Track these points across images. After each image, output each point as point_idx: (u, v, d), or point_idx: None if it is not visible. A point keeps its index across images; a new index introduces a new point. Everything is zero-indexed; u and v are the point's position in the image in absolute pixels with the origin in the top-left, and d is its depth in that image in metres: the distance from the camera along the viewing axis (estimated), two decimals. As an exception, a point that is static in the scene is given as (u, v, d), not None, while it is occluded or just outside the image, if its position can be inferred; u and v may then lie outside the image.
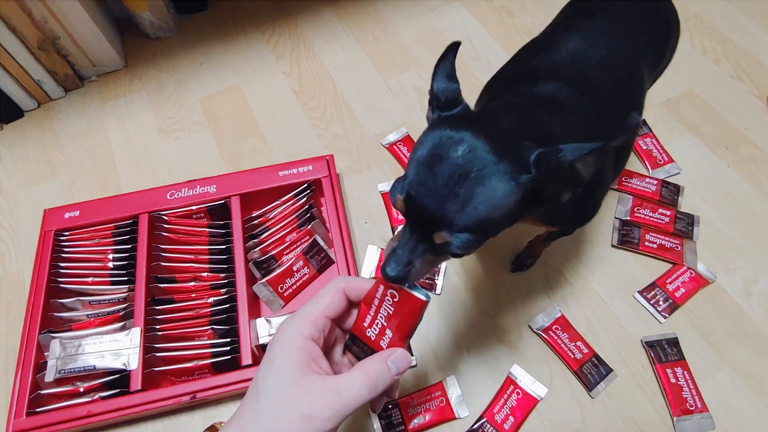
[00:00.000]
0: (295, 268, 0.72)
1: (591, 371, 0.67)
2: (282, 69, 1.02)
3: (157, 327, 0.67)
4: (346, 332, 0.45)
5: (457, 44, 0.40)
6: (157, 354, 0.65)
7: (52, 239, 0.73)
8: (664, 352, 0.67)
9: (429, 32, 1.06)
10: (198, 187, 0.77)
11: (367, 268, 0.75)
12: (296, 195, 0.78)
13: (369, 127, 0.92)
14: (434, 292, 0.74)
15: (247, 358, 0.64)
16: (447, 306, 0.73)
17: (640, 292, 0.73)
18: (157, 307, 0.69)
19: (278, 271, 0.71)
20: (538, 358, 0.69)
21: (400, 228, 0.40)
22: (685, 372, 0.66)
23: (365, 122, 0.93)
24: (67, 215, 0.75)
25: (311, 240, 0.73)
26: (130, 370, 0.63)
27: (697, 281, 0.73)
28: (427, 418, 0.64)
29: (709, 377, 0.67)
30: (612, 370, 0.67)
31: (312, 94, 0.98)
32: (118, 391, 0.63)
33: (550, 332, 0.70)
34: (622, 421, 0.64)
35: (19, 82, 0.92)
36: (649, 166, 0.84)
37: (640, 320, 0.71)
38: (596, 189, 0.53)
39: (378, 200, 0.83)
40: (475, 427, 0.64)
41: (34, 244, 0.74)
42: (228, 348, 0.65)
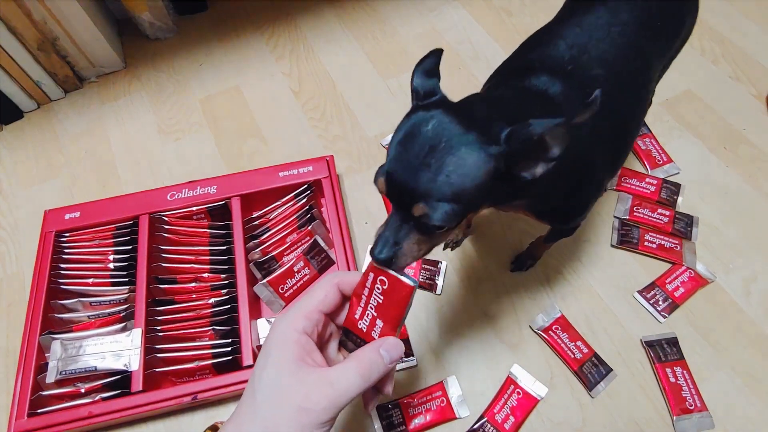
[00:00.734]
0: (295, 269, 0.72)
1: (591, 371, 0.67)
2: (282, 69, 1.02)
3: (158, 328, 0.67)
4: (340, 328, 0.45)
5: (440, 50, 0.42)
6: (158, 355, 0.65)
7: (52, 240, 0.73)
8: (664, 352, 0.68)
9: (428, 32, 1.06)
10: (198, 187, 0.77)
11: (368, 269, 0.75)
12: (297, 196, 0.78)
13: (369, 127, 0.93)
14: (435, 292, 0.74)
15: (248, 359, 0.64)
16: (447, 306, 0.74)
17: (640, 292, 0.73)
18: (157, 308, 0.69)
19: (279, 271, 0.71)
20: (538, 358, 0.69)
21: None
22: (684, 371, 0.66)
23: (365, 123, 0.93)
24: (67, 216, 0.75)
25: (312, 241, 0.73)
26: (131, 371, 0.63)
27: (696, 281, 0.73)
28: (427, 418, 0.64)
29: (709, 377, 0.67)
30: (612, 369, 0.67)
31: (312, 94, 0.98)
32: (119, 392, 0.63)
33: (550, 332, 0.70)
34: (621, 421, 0.64)
35: (19, 83, 0.92)
36: (648, 166, 0.85)
37: (640, 320, 0.71)
38: (585, 182, 0.53)
39: (378, 201, 0.83)
40: (475, 426, 0.64)
41: (34, 245, 0.74)
42: (229, 348, 0.65)
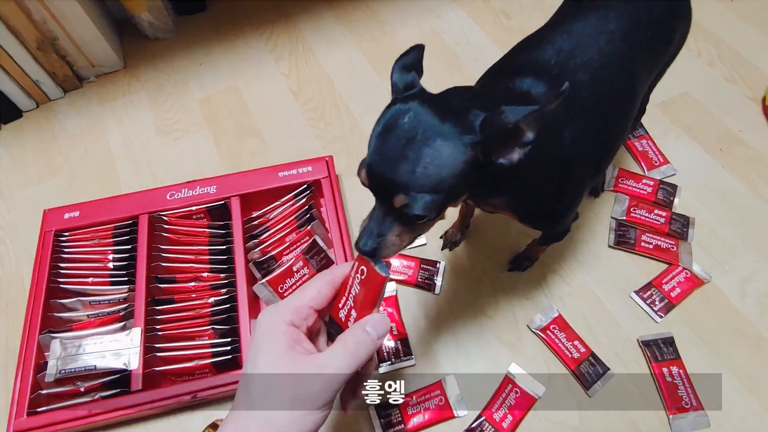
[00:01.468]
0: (294, 269, 0.72)
1: (588, 370, 0.67)
2: (281, 70, 1.02)
3: (158, 327, 0.67)
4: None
5: (421, 46, 0.42)
6: (158, 354, 0.66)
7: (52, 240, 0.73)
8: (660, 351, 0.68)
9: (427, 33, 1.06)
10: (198, 187, 0.77)
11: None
12: (296, 196, 0.78)
13: (368, 127, 0.92)
14: (433, 292, 0.75)
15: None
16: (446, 306, 0.74)
17: (637, 292, 0.74)
18: (157, 307, 0.69)
19: (278, 271, 0.72)
20: (535, 358, 0.69)
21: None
22: (680, 370, 0.67)
23: (364, 123, 0.94)
24: (66, 216, 0.75)
25: (311, 240, 0.74)
26: (130, 370, 0.63)
27: (692, 281, 0.74)
28: (426, 417, 0.65)
29: (705, 376, 0.67)
30: (609, 369, 0.68)
31: (311, 95, 0.98)
32: (118, 390, 0.63)
33: (547, 332, 0.70)
34: (618, 420, 0.65)
35: (18, 82, 0.92)
36: (645, 167, 0.85)
37: (637, 320, 0.72)
38: (565, 185, 0.53)
39: (377, 201, 0.83)
40: (473, 425, 0.64)
41: (33, 245, 0.74)
42: (229, 348, 0.65)
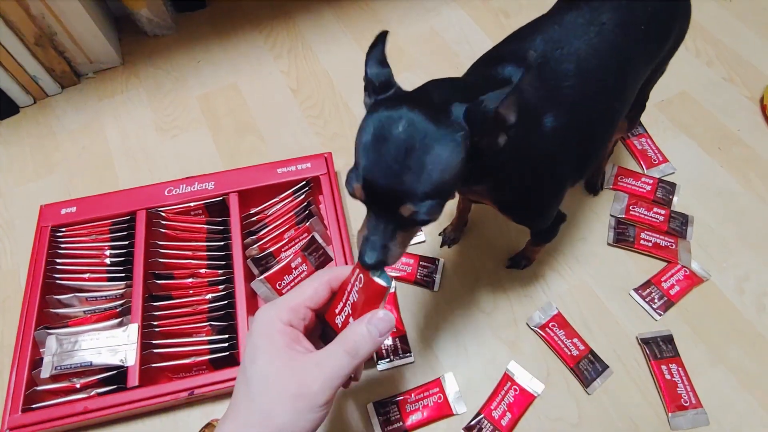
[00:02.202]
0: (293, 265, 0.72)
1: (587, 368, 0.67)
2: (280, 68, 1.02)
3: (155, 323, 0.67)
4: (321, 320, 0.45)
5: (385, 33, 0.42)
6: (155, 350, 0.65)
7: (48, 235, 0.72)
8: (659, 349, 0.68)
9: (426, 33, 1.06)
10: (196, 183, 0.77)
11: (365, 266, 0.76)
12: (294, 192, 0.78)
13: (367, 125, 0.93)
14: (432, 289, 0.74)
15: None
16: (445, 303, 0.74)
17: (636, 290, 0.74)
18: (154, 304, 0.69)
19: (276, 267, 0.71)
20: (534, 355, 0.69)
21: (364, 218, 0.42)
22: (679, 368, 0.67)
23: (363, 121, 0.93)
24: (63, 211, 0.75)
25: (309, 237, 0.73)
26: (127, 367, 0.63)
27: (691, 279, 0.74)
28: (424, 414, 0.64)
29: (703, 373, 0.67)
30: (608, 366, 0.67)
31: (310, 92, 0.98)
32: (115, 387, 0.63)
33: (546, 329, 0.70)
34: (617, 417, 0.65)
35: (15, 77, 0.92)
36: (644, 166, 0.85)
37: (636, 317, 0.72)
38: (546, 178, 0.53)
39: (376, 198, 0.83)
40: (472, 423, 0.64)
41: (30, 241, 0.73)
42: (226, 344, 0.65)
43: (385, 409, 0.65)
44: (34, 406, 0.61)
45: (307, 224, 0.74)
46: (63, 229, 0.74)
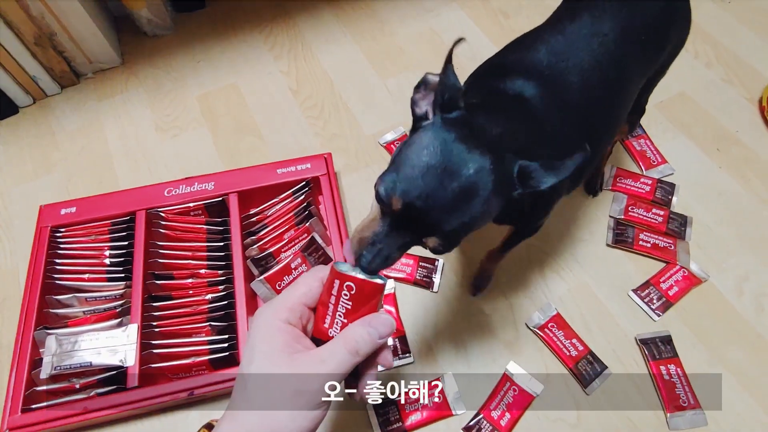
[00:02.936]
0: (293, 266, 0.72)
1: (586, 368, 0.67)
2: (280, 68, 1.02)
3: (154, 324, 0.67)
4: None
5: (459, 40, 0.42)
6: (154, 351, 0.65)
7: (48, 235, 0.72)
8: (658, 350, 0.68)
9: (426, 33, 1.06)
10: (196, 184, 0.77)
11: (365, 266, 0.76)
12: (294, 193, 0.78)
13: (366, 126, 0.93)
14: (432, 290, 0.75)
15: (244, 355, 0.64)
16: (444, 304, 0.74)
17: (635, 291, 0.74)
18: (154, 304, 0.68)
19: (276, 268, 0.71)
20: (533, 356, 0.69)
21: (367, 217, 0.41)
22: (678, 369, 0.67)
23: (363, 121, 0.94)
24: (63, 211, 0.75)
25: (309, 237, 0.73)
26: (126, 367, 0.63)
27: (690, 280, 0.74)
28: (424, 414, 0.64)
29: (702, 374, 0.67)
30: (607, 367, 0.68)
31: (310, 93, 0.98)
32: (114, 387, 0.63)
33: (545, 330, 0.70)
34: (616, 417, 0.65)
35: (15, 77, 0.91)
36: (643, 167, 0.86)
37: (635, 318, 0.72)
38: (548, 192, 0.54)
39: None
40: (471, 423, 0.64)
41: (29, 241, 0.73)
42: (226, 345, 0.65)
43: (384, 409, 0.65)
44: (33, 406, 0.61)
45: (306, 225, 0.74)
46: (62, 230, 0.74)
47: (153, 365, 0.64)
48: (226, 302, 0.68)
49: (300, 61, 1.03)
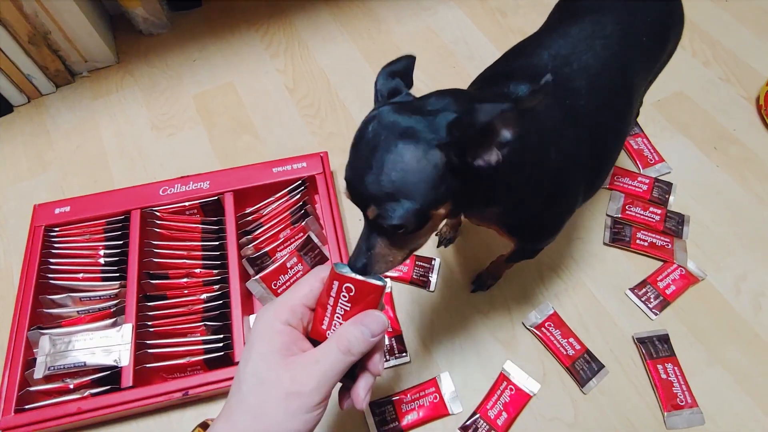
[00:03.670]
0: (288, 265, 0.71)
1: (583, 367, 0.67)
2: (276, 67, 1.02)
3: (149, 323, 0.67)
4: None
5: (411, 58, 0.42)
6: (149, 350, 0.65)
7: (42, 235, 0.72)
8: (655, 349, 0.68)
9: (423, 31, 1.06)
10: (191, 183, 0.76)
11: (361, 265, 0.75)
12: (290, 192, 0.77)
13: (363, 125, 0.92)
14: (428, 289, 0.74)
15: (240, 355, 0.63)
16: (441, 303, 0.74)
17: (632, 290, 0.73)
18: (149, 304, 0.68)
19: (272, 267, 0.71)
20: (530, 355, 0.69)
21: None
22: (675, 368, 0.67)
23: (359, 120, 0.92)
24: (57, 211, 0.74)
25: (305, 237, 0.73)
26: (121, 367, 0.62)
27: (687, 279, 0.74)
28: (420, 414, 0.64)
29: (699, 373, 0.67)
30: (604, 366, 0.67)
31: (306, 91, 0.98)
32: (108, 387, 0.62)
33: (542, 329, 0.70)
34: (613, 416, 0.65)
35: (9, 76, 0.91)
36: (640, 165, 0.85)
37: (632, 317, 0.72)
38: (560, 195, 0.52)
39: (372, 198, 0.83)
40: (468, 422, 0.64)
41: (23, 240, 0.73)
42: (221, 344, 0.65)
43: (380, 409, 0.64)
44: (27, 406, 0.61)
45: (302, 224, 0.74)
46: (57, 229, 0.74)
47: (147, 365, 0.64)
48: (221, 302, 0.68)
49: (296, 60, 1.03)
